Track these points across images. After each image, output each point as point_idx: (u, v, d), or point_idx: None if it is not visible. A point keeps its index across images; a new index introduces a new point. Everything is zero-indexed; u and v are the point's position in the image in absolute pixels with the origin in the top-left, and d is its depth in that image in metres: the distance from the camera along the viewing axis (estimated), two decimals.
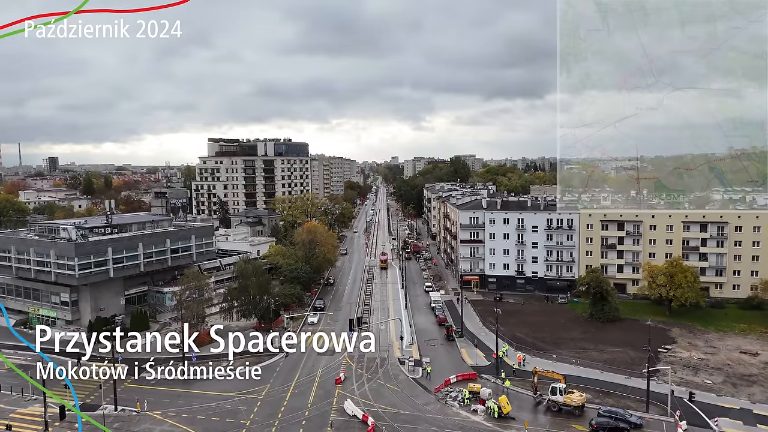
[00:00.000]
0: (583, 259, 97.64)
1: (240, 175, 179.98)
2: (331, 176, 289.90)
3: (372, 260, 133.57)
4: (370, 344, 52.39)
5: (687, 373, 62.61)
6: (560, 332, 77.73)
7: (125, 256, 79.95)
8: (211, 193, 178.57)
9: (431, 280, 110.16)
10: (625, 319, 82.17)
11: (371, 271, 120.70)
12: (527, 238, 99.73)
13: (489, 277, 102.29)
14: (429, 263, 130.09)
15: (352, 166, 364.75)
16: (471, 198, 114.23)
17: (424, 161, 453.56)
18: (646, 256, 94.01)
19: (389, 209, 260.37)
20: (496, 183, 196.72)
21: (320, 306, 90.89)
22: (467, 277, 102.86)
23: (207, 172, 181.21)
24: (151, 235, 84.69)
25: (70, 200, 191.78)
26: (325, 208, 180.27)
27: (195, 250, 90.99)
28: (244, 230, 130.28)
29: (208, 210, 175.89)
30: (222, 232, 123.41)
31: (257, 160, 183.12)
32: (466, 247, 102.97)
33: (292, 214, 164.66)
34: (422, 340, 74.21)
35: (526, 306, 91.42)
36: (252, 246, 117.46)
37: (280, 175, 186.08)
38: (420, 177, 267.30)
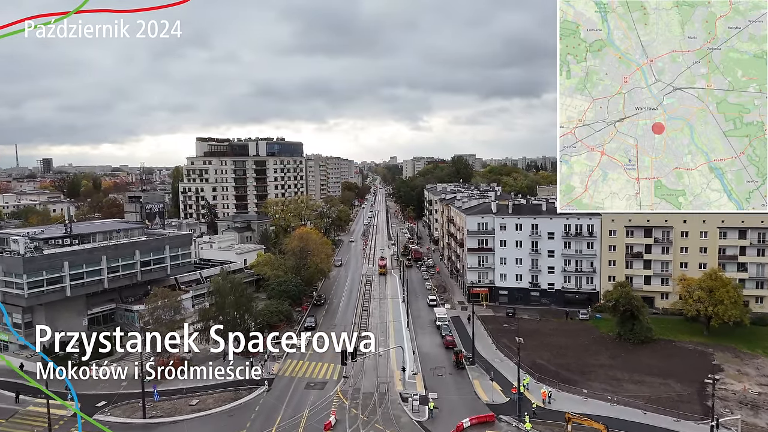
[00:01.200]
0: (605, 270, 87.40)
1: (230, 177, 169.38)
2: (328, 177, 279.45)
3: (370, 268, 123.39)
4: (370, 344, 49.92)
5: (746, 412, 52.31)
6: (586, 357, 67.48)
7: (85, 271, 69.62)
8: (199, 195, 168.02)
9: (435, 292, 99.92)
10: (658, 341, 71.91)
11: (369, 280, 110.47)
12: (542, 246, 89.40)
13: (500, 289, 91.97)
14: (432, 271, 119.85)
15: (349, 166, 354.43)
16: (478, 201, 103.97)
17: (424, 161, 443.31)
18: (676, 267, 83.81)
19: (388, 211, 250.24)
20: (500, 183, 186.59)
21: (311, 325, 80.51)
22: (475, 289, 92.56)
23: (195, 173, 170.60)
24: (117, 246, 74.30)
25: (48, 204, 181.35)
26: (320, 210, 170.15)
27: (170, 262, 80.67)
28: (231, 237, 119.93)
29: (196, 214, 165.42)
30: (206, 240, 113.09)
31: (248, 160, 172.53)
32: (474, 256, 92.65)
33: (284, 217, 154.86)
34: (428, 369, 63.90)
35: (544, 324, 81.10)
36: (238, 254, 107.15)
37: (272, 176, 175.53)
38: (420, 177, 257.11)
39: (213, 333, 67.08)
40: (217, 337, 54.07)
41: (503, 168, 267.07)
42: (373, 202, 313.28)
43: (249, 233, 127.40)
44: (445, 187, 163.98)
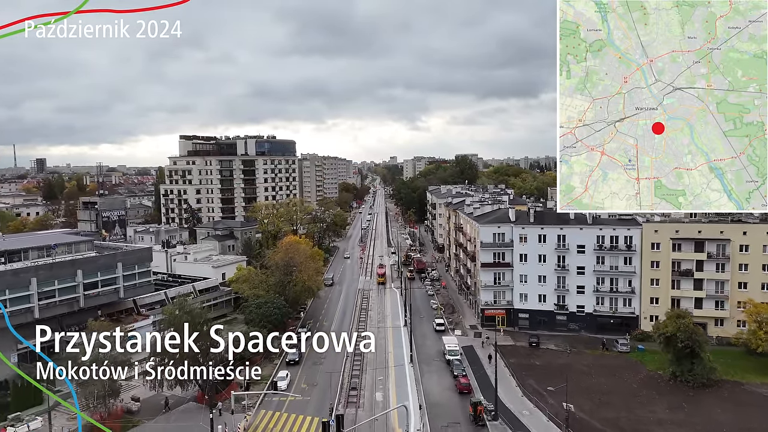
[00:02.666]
0: (646, 290, 73.47)
1: (215, 178, 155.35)
2: (324, 178, 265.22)
3: (368, 281, 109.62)
4: (370, 344, 43.49)
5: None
6: (637, 407, 53.47)
7: (9, 298, 55.67)
8: (181, 198, 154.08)
9: (442, 312, 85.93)
10: (722, 382, 58.05)
11: (366, 296, 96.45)
12: (571, 262, 75.43)
13: (519, 311, 78.04)
14: (437, 285, 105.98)
15: (348, 166, 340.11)
16: (491, 206, 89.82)
17: (425, 161, 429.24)
18: (734, 287, 69.90)
19: (388, 213, 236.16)
20: (507, 185, 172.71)
21: (294, 358, 66.50)
22: (490, 311, 78.68)
23: (177, 174, 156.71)
24: (53, 266, 60.30)
25: (21, 207, 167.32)
26: (314, 214, 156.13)
27: (123, 283, 66.76)
28: (209, 246, 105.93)
29: (179, 218, 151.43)
30: (180, 250, 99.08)
31: (235, 160, 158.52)
32: (489, 273, 78.69)
33: (274, 223, 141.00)
34: (438, 427, 49.90)
35: (577, 357, 67.11)
36: (215, 268, 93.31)
37: (262, 177, 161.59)
38: (421, 178, 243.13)
39: (167, 375, 53.52)
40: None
41: (509, 168, 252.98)
42: (372, 203, 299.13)
43: (231, 242, 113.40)
44: (450, 189, 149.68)
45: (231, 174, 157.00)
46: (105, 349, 46.77)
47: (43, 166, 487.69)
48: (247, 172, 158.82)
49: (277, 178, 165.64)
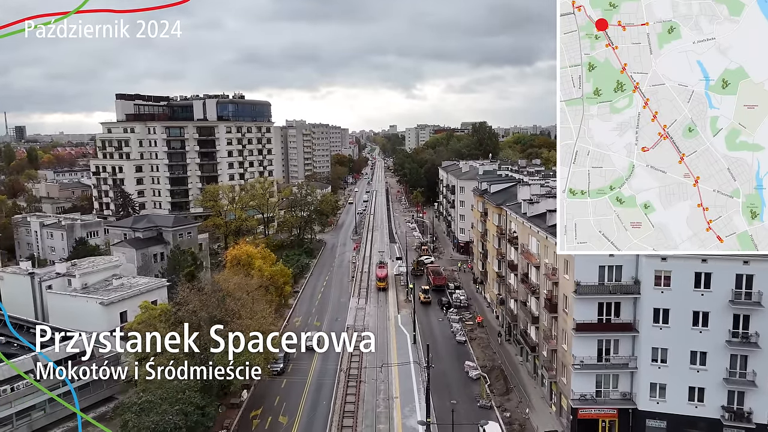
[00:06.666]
0: None
1: (161, 150, 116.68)
2: (314, 149, 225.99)
3: (361, 305, 73.30)
4: (370, 344, 38.21)
5: None
6: None
7: None
8: (116, 178, 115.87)
9: (492, 393, 49.14)
10: None
11: (358, 338, 58.64)
12: (762, 327, 38.12)
13: (647, 416, 41.01)
14: (467, 317, 69.51)
15: (342, 135, 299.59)
16: None
17: (429, 129, 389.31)
18: None
19: (389, 191, 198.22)
20: (541, 161, 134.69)
21: None
22: (587, 412, 41.79)
23: (111, 146, 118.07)
24: None
25: None
26: (293, 198, 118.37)
27: None
28: (116, 260, 67.92)
29: (115, 208, 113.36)
30: (61, 270, 61.29)
31: (188, 126, 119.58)
32: (588, 342, 41.45)
33: (234, 213, 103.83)
34: None
35: None
36: (106, 306, 56.00)
37: (225, 149, 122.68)
38: (429, 150, 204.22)
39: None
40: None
41: (534, 138, 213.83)
42: (370, 178, 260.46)
43: (159, 249, 75.60)
44: (473, 165, 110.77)
45: (183, 146, 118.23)
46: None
47: (23, 133, 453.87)
48: (205, 143, 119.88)
49: (246, 150, 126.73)
